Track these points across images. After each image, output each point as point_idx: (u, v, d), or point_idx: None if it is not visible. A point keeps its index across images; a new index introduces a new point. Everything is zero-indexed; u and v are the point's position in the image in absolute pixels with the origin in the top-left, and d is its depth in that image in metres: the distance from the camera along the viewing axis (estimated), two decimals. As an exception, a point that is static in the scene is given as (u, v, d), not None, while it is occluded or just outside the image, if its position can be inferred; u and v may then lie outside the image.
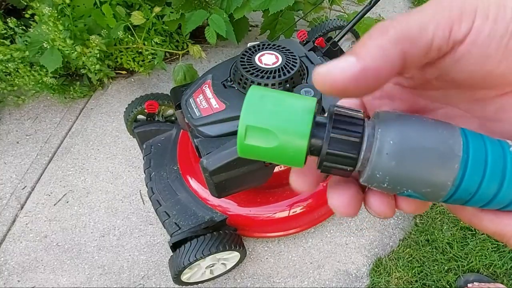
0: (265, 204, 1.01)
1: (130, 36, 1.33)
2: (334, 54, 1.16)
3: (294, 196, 1.02)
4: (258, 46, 0.84)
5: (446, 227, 1.16)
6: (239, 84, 0.80)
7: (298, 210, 1.02)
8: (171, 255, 0.92)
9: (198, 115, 0.79)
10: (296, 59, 0.81)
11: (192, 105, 0.81)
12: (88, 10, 1.27)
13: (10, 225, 1.16)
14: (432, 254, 1.11)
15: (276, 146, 0.17)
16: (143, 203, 1.21)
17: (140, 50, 1.42)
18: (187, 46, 1.47)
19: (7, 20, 1.24)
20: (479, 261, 1.09)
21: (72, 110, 1.47)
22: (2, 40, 1.25)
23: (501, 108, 0.18)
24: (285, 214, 1.01)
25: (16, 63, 1.25)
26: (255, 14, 1.60)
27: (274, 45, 0.84)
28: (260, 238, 1.12)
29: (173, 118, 1.23)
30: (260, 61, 0.80)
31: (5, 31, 1.25)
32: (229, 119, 0.76)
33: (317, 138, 0.17)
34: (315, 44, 1.11)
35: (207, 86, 0.83)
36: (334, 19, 1.30)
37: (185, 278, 0.95)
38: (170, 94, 0.94)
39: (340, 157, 0.17)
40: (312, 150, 0.18)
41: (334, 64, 0.16)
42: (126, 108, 1.14)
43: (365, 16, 1.15)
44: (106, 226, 1.16)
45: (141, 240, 1.13)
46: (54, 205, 1.20)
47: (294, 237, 1.14)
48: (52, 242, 1.12)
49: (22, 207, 1.20)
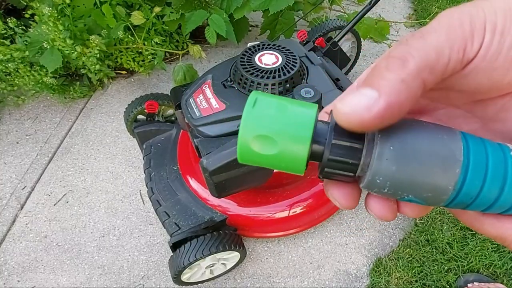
0: (265, 204, 1.01)
1: (130, 36, 1.33)
2: (334, 54, 1.16)
3: (294, 196, 1.02)
4: (258, 46, 0.84)
5: (446, 227, 1.16)
6: (239, 84, 0.80)
7: (298, 210, 1.02)
8: (171, 255, 0.92)
9: (198, 115, 0.79)
10: (296, 59, 0.81)
11: (192, 105, 0.81)
12: (88, 10, 1.27)
13: (10, 225, 1.16)
14: (432, 254, 1.11)
15: (277, 152, 0.17)
16: (143, 203, 1.21)
17: (140, 50, 1.42)
18: (187, 46, 1.47)
19: (7, 20, 1.24)
20: (479, 261, 1.09)
21: (72, 110, 1.47)
22: (2, 40, 1.25)
23: (502, 108, 0.18)
24: (285, 214, 1.01)
25: (16, 63, 1.25)
26: (255, 14, 1.60)
27: (274, 45, 0.84)
28: (260, 238, 1.12)
29: (173, 118, 1.23)
30: (260, 61, 0.80)
31: (5, 31, 1.25)
32: (229, 119, 0.76)
33: (318, 144, 0.17)
34: (315, 44, 1.12)
35: (207, 86, 0.83)
36: (334, 19, 1.30)
37: (185, 278, 0.95)
38: (170, 94, 0.94)
39: (341, 163, 0.17)
40: (313, 156, 0.18)
41: (356, 101, 0.16)
42: (126, 108, 1.14)
43: (365, 16, 1.15)
44: (106, 226, 1.16)
45: (141, 240, 1.13)
46: (54, 205, 1.20)
47: (294, 237, 1.14)
48: (52, 242, 1.12)
49: (22, 207, 1.20)
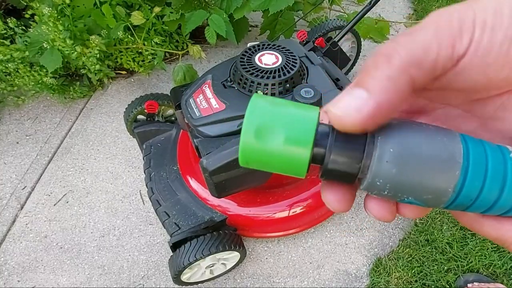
0: (265, 204, 1.01)
1: (130, 36, 1.33)
2: (334, 54, 1.16)
3: (294, 196, 1.02)
4: (258, 46, 0.84)
5: (446, 227, 1.16)
6: (239, 84, 0.80)
7: (298, 210, 1.02)
8: (171, 255, 0.92)
9: (198, 115, 0.79)
10: (296, 59, 0.81)
11: (192, 105, 0.82)
12: (88, 10, 1.27)
13: (10, 225, 1.16)
14: (431, 254, 1.11)
15: (279, 156, 0.17)
16: (143, 203, 1.21)
17: (140, 50, 1.42)
18: (187, 46, 1.47)
19: (7, 20, 1.24)
20: (479, 261, 1.09)
21: (72, 110, 1.47)
22: (2, 40, 1.25)
23: (501, 106, 0.18)
24: (285, 214, 1.01)
25: (16, 63, 1.25)
26: (255, 14, 1.60)
27: (274, 45, 0.84)
28: (260, 238, 1.12)
29: (173, 118, 1.23)
30: (260, 61, 0.80)
31: (5, 31, 1.25)
32: (229, 119, 0.76)
33: (320, 147, 0.17)
34: (315, 44, 1.12)
35: (207, 86, 0.83)
36: (334, 19, 1.30)
37: (185, 278, 0.95)
38: (170, 94, 0.94)
39: (343, 165, 0.17)
40: (315, 159, 0.18)
41: (347, 103, 0.16)
42: (126, 108, 1.14)
43: (365, 16, 1.15)
44: (106, 226, 1.16)
45: (141, 240, 1.13)
46: (54, 205, 1.20)
47: (294, 237, 1.14)
48: (52, 242, 1.12)
49: (22, 207, 1.20)
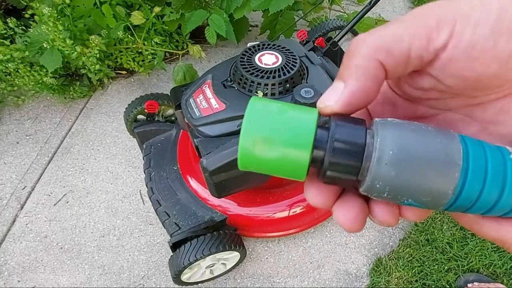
0: (265, 204, 1.01)
1: (130, 36, 1.33)
2: (334, 54, 1.16)
3: (294, 196, 1.02)
4: (258, 46, 0.84)
5: (446, 227, 1.16)
6: (239, 84, 0.80)
7: (298, 210, 1.02)
8: (171, 255, 0.92)
9: (198, 115, 0.79)
10: (296, 59, 0.81)
11: (192, 105, 0.81)
12: (88, 10, 1.27)
13: (10, 225, 1.16)
14: (432, 254, 1.11)
15: (278, 159, 0.17)
16: (143, 203, 1.21)
17: (140, 50, 1.42)
18: (187, 46, 1.47)
19: (7, 20, 1.24)
20: (479, 261, 1.09)
21: (72, 110, 1.47)
22: (2, 40, 1.25)
23: (501, 110, 0.18)
24: (285, 214, 1.01)
25: (16, 63, 1.25)
26: (255, 14, 1.60)
27: (274, 45, 0.84)
28: (260, 238, 1.12)
29: (173, 118, 1.23)
30: (260, 61, 0.80)
31: (5, 31, 1.25)
32: (229, 119, 0.76)
33: (319, 149, 0.17)
34: (315, 44, 1.11)
35: (207, 86, 0.83)
36: (334, 19, 1.30)
37: (185, 278, 0.95)
38: (170, 94, 0.94)
39: (343, 167, 0.17)
40: (314, 161, 0.18)
41: (328, 95, 0.18)
42: (126, 108, 1.14)
43: (365, 16, 1.15)
44: (106, 226, 1.16)
45: (141, 240, 1.13)
46: (54, 205, 1.20)
47: (294, 237, 1.14)
48: (52, 242, 1.12)
49: (22, 207, 1.20)
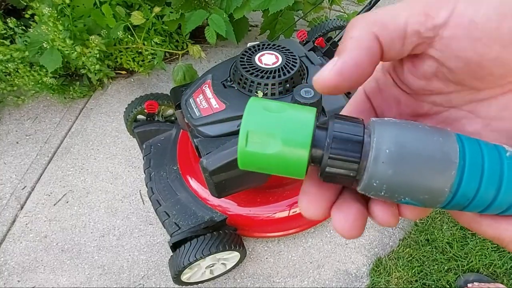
0: (265, 204, 1.01)
1: (130, 36, 1.33)
2: (334, 54, 1.15)
3: (294, 196, 1.02)
4: (258, 46, 0.84)
5: (446, 227, 1.16)
6: (239, 84, 0.80)
7: (298, 210, 1.02)
8: (171, 255, 0.92)
9: (198, 115, 0.79)
10: (296, 59, 0.81)
11: (192, 105, 0.81)
12: (88, 10, 1.27)
13: (10, 225, 1.16)
14: (432, 254, 1.11)
15: (277, 158, 0.17)
16: (143, 203, 1.21)
17: (140, 50, 1.42)
18: (187, 46, 1.47)
19: (7, 20, 1.24)
20: (479, 260, 1.09)
21: (72, 110, 1.47)
22: (2, 40, 1.25)
23: (505, 106, 0.18)
24: (285, 214, 1.01)
25: (16, 63, 1.25)
26: (255, 14, 1.60)
27: (274, 45, 0.84)
28: (260, 238, 1.12)
29: (173, 118, 1.23)
30: (260, 61, 0.80)
31: (5, 31, 1.25)
32: (229, 119, 0.76)
33: (318, 148, 0.17)
34: (315, 44, 1.11)
35: (207, 86, 0.83)
36: (334, 19, 1.30)
37: (185, 278, 0.95)
38: (170, 94, 0.94)
39: (341, 166, 0.17)
40: (313, 160, 0.18)
41: (324, 67, 0.18)
42: (126, 108, 1.14)
43: (365, 16, 1.15)
44: (106, 226, 1.16)
45: (141, 240, 1.13)
46: (54, 205, 1.20)
47: (294, 237, 1.14)
48: (52, 242, 1.12)
49: (22, 207, 1.20)
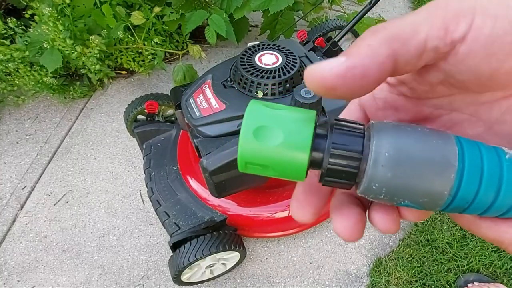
0: (265, 204, 1.01)
1: (130, 36, 1.33)
2: (334, 54, 1.16)
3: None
4: (258, 46, 0.84)
5: (446, 227, 1.16)
6: (239, 84, 0.80)
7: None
8: (171, 255, 0.92)
9: (198, 115, 0.79)
10: (296, 59, 0.81)
11: (192, 105, 0.81)
12: (88, 10, 1.27)
13: (10, 225, 1.16)
14: (432, 254, 1.11)
15: (277, 161, 0.17)
16: (143, 203, 1.21)
17: (140, 50, 1.42)
18: (187, 46, 1.47)
19: (7, 20, 1.24)
20: (479, 261, 1.09)
21: (72, 110, 1.47)
22: (2, 40, 1.25)
23: (507, 110, 0.18)
24: (285, 214, 1.01)
25: (16, 63, 1.25)
26: (255, 14, 1.60)
27: (274, 45, 0.84)
28: (260, 238, 1.12)
29: (173, 118, 1.23)
30: (260, 61, 0.80)
31: (5, 31, 1.25)
32: (229, 119, 0.76)
33: (318, 151, 0.17)
34: (315, 44, 1.11)
35: (207, 86, 0.83)
36: (334, 19, 1.30)
37: (185, 278, 0.95)
38: (170, 94, 0.94)
39: (341, 169, 0.17)
40: (313, 163, 0.18)
41: (325, 62, 0.16)
42: (126, 108, 1.14)
43: (365, 16, 1.15)
44: (106, 226, 1.16)
45: (141, 240, 1.13)
46: (54, 205, 1.20)
47: (294, 237, 1.14)
48: (52, 242, 1.12)
49: (22, 207, 1.20)
